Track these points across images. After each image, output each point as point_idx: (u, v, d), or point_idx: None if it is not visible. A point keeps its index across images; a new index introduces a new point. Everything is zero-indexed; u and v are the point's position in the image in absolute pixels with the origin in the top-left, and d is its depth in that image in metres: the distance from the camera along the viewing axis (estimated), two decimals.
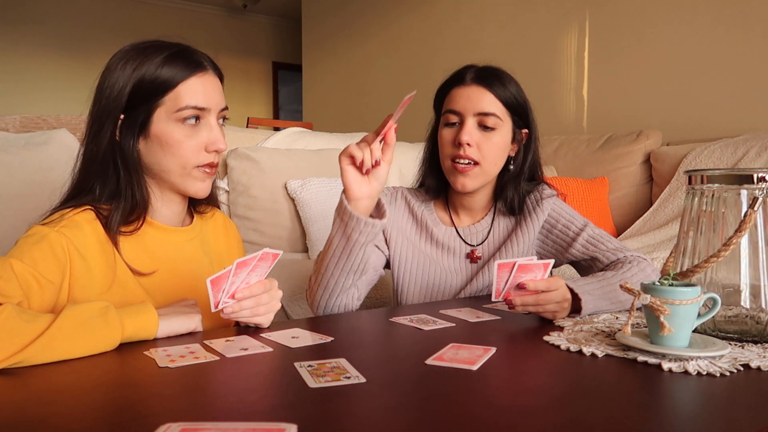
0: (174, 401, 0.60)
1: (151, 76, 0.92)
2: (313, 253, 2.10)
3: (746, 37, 2.59)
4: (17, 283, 0.81)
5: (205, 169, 0.98)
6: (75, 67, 6.33)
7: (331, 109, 5.44)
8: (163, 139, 0.94)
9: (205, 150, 0.96)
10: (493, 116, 1.15)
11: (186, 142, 0.94)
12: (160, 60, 0.93)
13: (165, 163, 0.95)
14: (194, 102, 0.94)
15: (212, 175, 1.00)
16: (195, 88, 0.94)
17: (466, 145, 1.14)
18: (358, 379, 0.65)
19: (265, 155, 2.15)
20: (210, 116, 0.97)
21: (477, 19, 3.92)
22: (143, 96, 0.93)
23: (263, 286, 0.89)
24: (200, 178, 0.98)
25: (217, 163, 1.00)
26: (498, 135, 1.16)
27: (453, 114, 1.17)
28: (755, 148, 2.24)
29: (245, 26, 7.58)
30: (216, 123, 0.98)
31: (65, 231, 0.88)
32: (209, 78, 0.97)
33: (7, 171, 1.60)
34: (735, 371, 0.69)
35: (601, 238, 1.18)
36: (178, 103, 0.93)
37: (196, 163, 0.96)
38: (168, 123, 0.94)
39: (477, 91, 1.16)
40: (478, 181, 1.18)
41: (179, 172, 0.96)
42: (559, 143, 2.98)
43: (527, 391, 0.64)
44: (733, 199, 0.84)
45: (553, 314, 0.96)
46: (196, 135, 0.95)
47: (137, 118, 0.93)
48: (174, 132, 0.94)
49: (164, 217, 1.01)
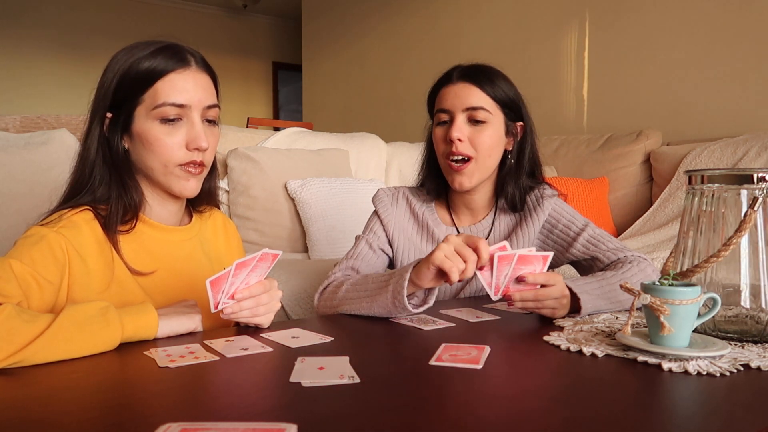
0: (174, 401, 0.60)
1: (132, 73, 0.92)
2: (313, 253, 2.10)
3: (746, 38, 2.58)
4: (17, 284, 0.81)
5: (189, 168, 0.95)
6: (75, 67, 6.33)
7: (331, 109, 5.44)
8: (144, 137, 0.93)
9: (186, 148, 0.94)
10: (481, 110, 1.16)
11: (165, 139, 0.93)
12: (142, 57, 0.92)
13: (148, 161, 0.95)
14: (172, 99, 0.92)
15: (197, 175, 0.97)
16: (173, 85, 0.92)
17: (457, 141, 1.14)
18: (353, 379, 0.65)
19: (265, 155, 2.15)
20: (192, 113, 0.94)
21: (477, 19, 3.92)
22: (126, 94, 0.93)
23: (263, 286, 0.88)
24: (183, 177, 0.95)
25: (201, 162, 0.96)
26: (490, 128, 1.17)
27: (443, 113, 1.18)
28: (755, 148, 2.24)
29: (245, 26, 7.57)
30: (198, 121, 0.94)
31: (64, 231, 0.88)
32: (191, 74, 0.94)
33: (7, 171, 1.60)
34: (735, 371, 0.69)
35: (601, 238, 1.18)
36: (156, 100, 0.92)
37: (177, 162, 0.94)
38: (147, 120, 0.93)
39: (464, 88, 1.17)
40: (476, 178, 1.18)
41: (162, 171, 0.95)
42: (559, 143, 2.98)
43: (527, 391, 0.64)
44: (733, 199, 0.84)
45: (552, 311, 0.96)
46: (177, 132, 0.93)
47: (121, 116, 0.94)
48: (153, 130, 0.92)
49: (161, 217, 1.01)
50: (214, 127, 0.99)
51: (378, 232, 1.23)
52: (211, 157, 0.99)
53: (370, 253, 1.20)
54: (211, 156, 0.99)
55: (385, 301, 0.97)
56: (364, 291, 1.03)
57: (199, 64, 0.96)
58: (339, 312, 1.06)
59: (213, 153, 1.00)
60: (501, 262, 0.93)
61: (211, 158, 1.00)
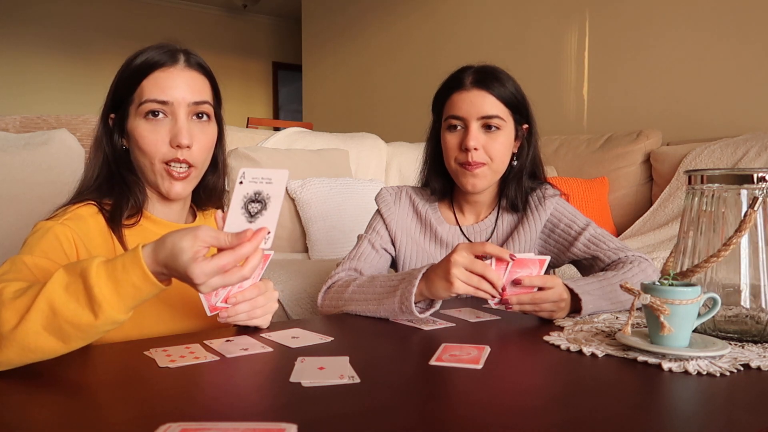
0: (174, 401, 0.60)
1: (126, 74, 0.96)
2: (313, 253, 2.10)
3: (746, 37, 2.58)
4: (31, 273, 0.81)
5: (173, 167, 0.94)
6: (75, 67, 6.33)
7: (331, 109, 5.44)
8: (132, 135, 0.95)
9: (170, 144, 0.94)
10: (496, 118, 1.15)
11: (149, 136, 0.93)
12: (133, 57, 0.96)
13: (139, 159, 0.96)
14: (154, 95, 0.93)
15: (182, 179, 0.95)
16: (156, 83, 0.94)
17: (473, 150, 1.14)
18: (353, 379, 0.65)
19: (265, 155, 2.15)
20: (177, 110, 0.93)
21: (477, 19, 3.92)
22: (122, 94, 0.96)
23: (257, 289, 0.88)
24: (167, 179, 0.95)
25: (184, 160, 0.94)
26: (503, 135, 1.17)
27: (456, 119, 1.17)
28: (755, 148, 2.24)
29: (245, 26, 7.57)
30: (183, 117, 0.94)
31: (69, 223, 0.89)
32: (176, 71, 0.95)
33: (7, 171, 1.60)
34: (735, 371, 0.69)
35: (603, 238, 1.18)
36: (141, 98, 0.94)
37: (161, 159, 0.94)
38: (135, 119, 0.95)
39: (478, 95, 1.16)
40: (487, 180, 1.18)
41: (150, 169, 0.96)
42: (559, 143, 2.98)
43: (527, 391, 0.64)
44: (733, 199, 0.84)
45: (550, 314, 0.96)
46: (160, 129, 0.94)
47: (119, 117, 0.97)
48: (139, 127, 0.94)
49: (163, 214, 1.02)
50: (205, 125, 0.97)
51: (381, 231, 1.23)
52: (200, 156, 0.96)
53: (373, 253, 1.21)
54: (200, 155, 0.96)
55: (392, 306, 0.98)
56: (371, 294, 1.03)
57: (188, 62, 0.97)
58: (343, 312, 1.06)
59: (204, 152, 0.97)
60: (497, 266, 0.94)
61: (202, 157, 0.97)
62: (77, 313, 0.69)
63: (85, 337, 0.71)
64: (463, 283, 0.92)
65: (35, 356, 0.69)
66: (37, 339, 0.68)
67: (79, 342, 0.71)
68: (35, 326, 0.68)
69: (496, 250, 0.93)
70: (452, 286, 0.92)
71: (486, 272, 0.93)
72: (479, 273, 0.93)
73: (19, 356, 0.68)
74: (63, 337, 0.69)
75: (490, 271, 0.93)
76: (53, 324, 0.68)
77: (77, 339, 0.71)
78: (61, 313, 0.68)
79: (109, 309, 0.69)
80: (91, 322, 0.69)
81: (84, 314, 0.69)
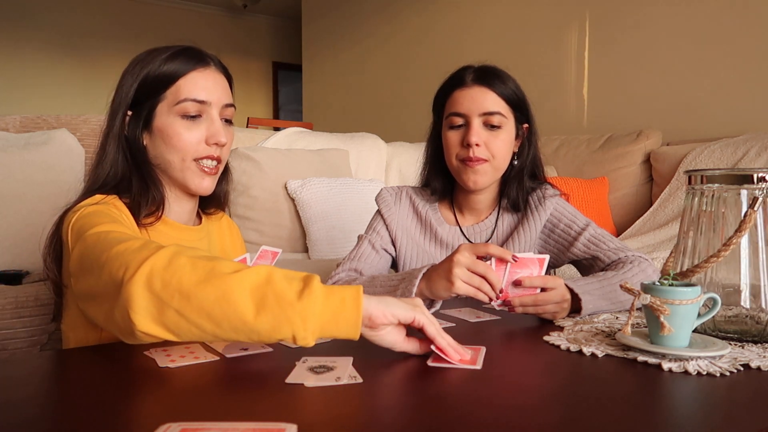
0: (174, 401, 0.60)
1: (154, 73, 0.96)
2: (313, 253, 2.10)
3: (746, 38, 2.59)
4: (120, 227, 0.81)
5: (204, 163, 0.98)
6: (75, 67, 6.33)
7: (331, 109, 5.44)
8: (164, 132, 0.96)
9: (206, 143, 0.98)
10: (498, 114, 1.16)
11: (185, 134, 0.96)
12: (164, 57, 0.97)
13: (167, 155, 0.97)
14: (193, 95, 0.96)
15: (212, 174, 1.00)
16: (195, 82, 0.96)
17: (475, 145, 1.14)
18: (355, 379, 0.65)
19: (265, 155, 2.15)
20: (211, 110, 0.98)
21: (477, 19, 3.93)
22: (147, 92, 0.96)
23: None
24: (198, 174, 0.99)
25: (218, 157, 1.00)
26: (504, 132, 1.17)
27: (458, 116, 1.17)
28: (755, 148, 2.24)
29: (245, 26, 7.58)
30: (218, 117, 0.99)
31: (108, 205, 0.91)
32: (211, 73, 0.99)
33: (7, 171, 1.60)
34: (735, 371, 0.69)
35: (602, 238, 1.18)
36: (178, 96, 0.95)
37: (195, 155, 0.97)
38: (169, 116, 0.96)
39: (479, 91, 1.16)
40: (489, 177, 1.18)
41: (179, 166, 0.97)
42: (559, 143, 2.98)
43: (527, 390, 0.64)
44: (733, 199, 0.84)
45: (553, 315, 0.96)
46: (196, 128, 0.97)
47: (142, 113, 0.97)
48: (174, 125, 0.96)
49: (177, 215, 1.03)
50: (229, 127, 1.03)
51: (381, 231, 1.23)
52: (227, 154, 1.03)
53: (373, 254, 1.21)
54: (227, 153, 1.03)
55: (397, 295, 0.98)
56: (371, 294, 1.03)
57: (217, 65, 1.01)
58: None
59: (229, 151, 1.04)
60: (497, 266, 0.94)
61: (227, 156, 1.04)
62: (288, 290, 0.66)
63: (267, 320, 0.66)
64: (464, 284, 0.92)
65: (222, 311, 0.66)
66: (242, 294, 0.65)
67: (250, 328, 0.66)
68: (246, 282, 0.66)
69: (498, 252, 0.94)
70: (453, 285, 0.92)
71: (488, 273, 0.93)
72: (481, 274, 0.93)
73: (213, 305, 0.65)
74: (259, 305, 0.66)
75: (491, 272, 0.93)
76: (261, 291, 0.66)
77: (269, 315, 0.66)
78: (274, 283, 0.66)
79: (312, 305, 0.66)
80: (293, 302, 0.66)
81: (292, 291, 0.66)
